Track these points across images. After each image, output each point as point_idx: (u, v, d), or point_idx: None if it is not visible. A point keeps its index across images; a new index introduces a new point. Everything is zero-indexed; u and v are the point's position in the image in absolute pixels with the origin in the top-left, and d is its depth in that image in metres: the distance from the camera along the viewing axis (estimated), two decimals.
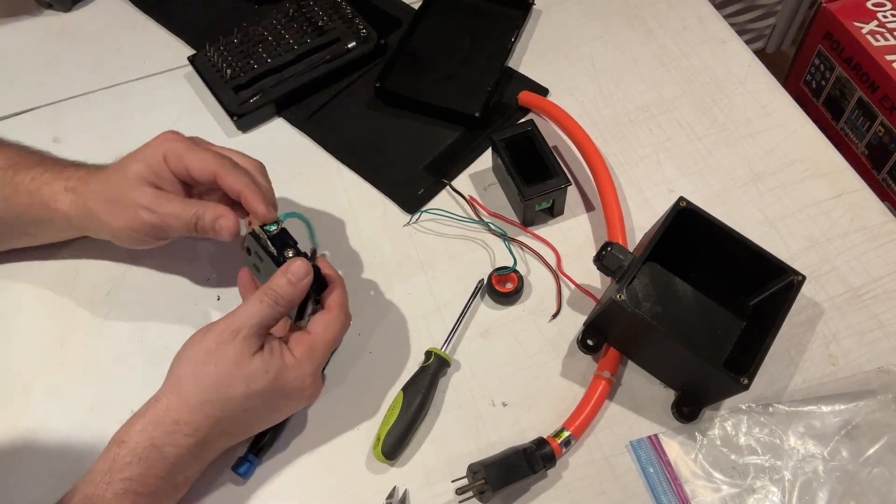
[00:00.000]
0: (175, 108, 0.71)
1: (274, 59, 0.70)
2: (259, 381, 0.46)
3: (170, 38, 0.76)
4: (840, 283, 0.59)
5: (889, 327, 0.57)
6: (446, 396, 0.55)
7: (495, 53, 0.72)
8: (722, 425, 0.53)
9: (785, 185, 0.64)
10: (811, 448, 0.51)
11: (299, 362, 0.47)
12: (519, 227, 0.63)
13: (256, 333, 0.46)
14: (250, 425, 0.49)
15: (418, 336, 0.58)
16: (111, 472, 0.43)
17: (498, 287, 0.58)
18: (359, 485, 0.51)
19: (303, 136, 0.69)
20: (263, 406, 0.47)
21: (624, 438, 0.53)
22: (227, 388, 0.45)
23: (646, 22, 0.76)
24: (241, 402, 0.45)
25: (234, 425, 0.47)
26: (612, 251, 0.52)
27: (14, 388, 0.56)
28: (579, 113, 0.69)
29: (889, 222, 0.62)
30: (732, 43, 0.74)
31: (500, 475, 0.48)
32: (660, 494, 0.50)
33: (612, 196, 0.61)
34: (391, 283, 0.60)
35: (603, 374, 0.53)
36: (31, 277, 0.61)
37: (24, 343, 0.58)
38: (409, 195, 0.65)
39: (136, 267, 0.61)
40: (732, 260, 0.53)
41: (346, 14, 0.73)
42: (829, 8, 0.97)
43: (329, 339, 0.49)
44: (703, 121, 0.69)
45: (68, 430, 0.54)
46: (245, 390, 0.45)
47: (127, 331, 0.58)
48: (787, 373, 0.55)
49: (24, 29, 0.77)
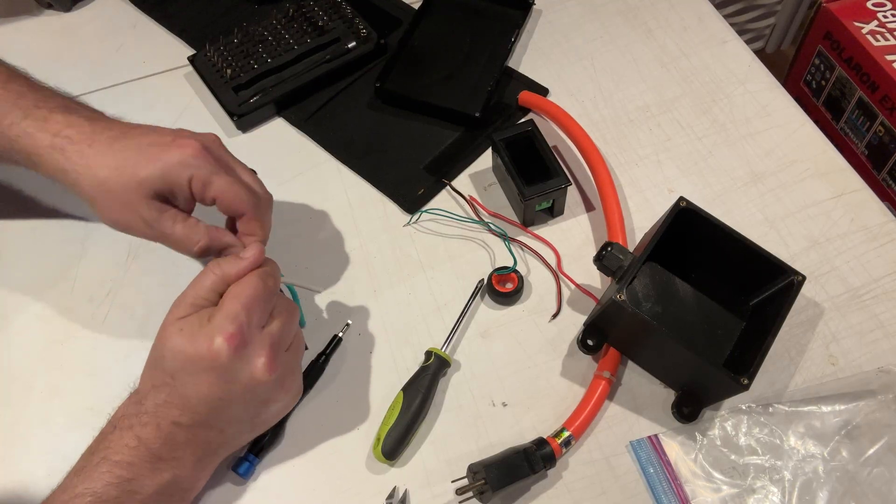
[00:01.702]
0: (175, 108, 0.71)
1: (274, 59, 0.70)
2: (172, 339, 0.44)
3: (170, 38, 0.76)
4: (840, 283, 0.59)
5: (889, 327, 0.57)
6: (446, 396, 0.55)
7: (495, 53, 0.72)
8: (722, 425, 0.53)
9: (785, 185, 0.64)
10: (811, 448, 0.51)
11: (211, 320, 0.45)
12: (519, 227, 0.63)
13: (188, 304, 0.46)
14: (188, 400, 0.45)
15: (418, 336, 0.58)
16: (95, 444, 0.46)
17: (498, 287, 0.58)
18: (359, 485, 0.51)
19: (303, 136, 0.69)
20: (182, 370, 0.44)
21: (624, 438, 0.53)
22: (155, 349, 0.46)
23: (646, 22, 0.76)
24: (160, 362, 0.45)
25: (170, 394, 0.45)
26: (612, 251, 0.52)
27: (14, 388, 0.56)
28: (579, 113, 0.69)
29: (889, 222, 0.62)
30: (732, 43, 0.74)
31: (500, 475, 0.48)
32: (660, 494, 0.50)
33: (612, 196, 0.61)
34: (391, 283, 0.60)
35: (603, 374, 0.53)
36: (31, 277, 0.61)
37: (24, 343, 0.58)
38: (409, 195, 0.65)
39: (136, 267, 0.61)
40: (732, 260, 0.53)
41: (346, 14, 0.73)
42: (829, 8, 0.97)
43: (237, 294, 0.45)
44: (703, 121, 0.69)
45: (68, 430, 0.54)
46: (163, 351, 0.45)
47: (127, 331, 0.58)
48: (787, 373, 0.55)
49: (24, 29, 0.77)
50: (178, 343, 0.44)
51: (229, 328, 0.44)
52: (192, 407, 0.45)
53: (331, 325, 0.58)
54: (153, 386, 0.46)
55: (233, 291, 0.46)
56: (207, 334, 0.44)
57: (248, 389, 0.46)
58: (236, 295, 0.46)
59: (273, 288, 0.48)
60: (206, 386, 0.45)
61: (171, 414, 0.45)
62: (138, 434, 0.45)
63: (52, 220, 0.64)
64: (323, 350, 0.56)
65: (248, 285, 0.46)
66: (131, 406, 0.46)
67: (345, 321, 0.58)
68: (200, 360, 0.44)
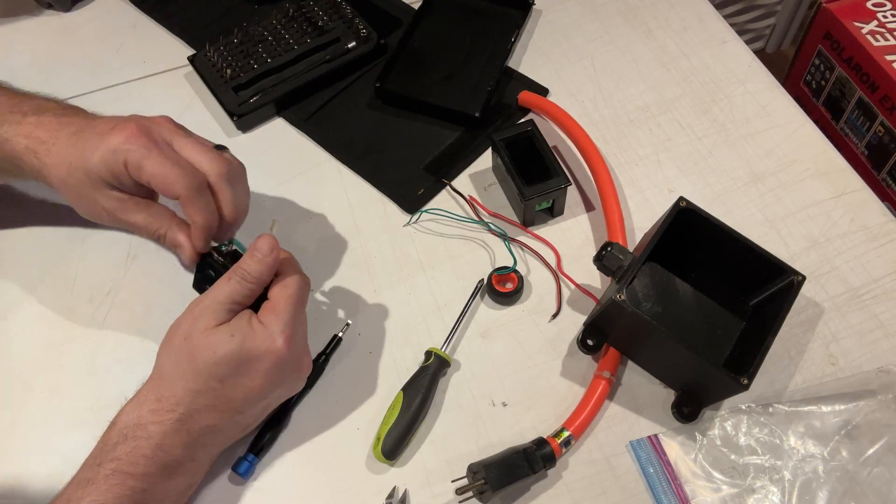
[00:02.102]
0: (175, 108, 0.71)
1: (274, 59, 0.70)
2: (224, 346, 0.45)
3: (170, 38, 0.76)
4: (840, 283, 0.59)
5: (889, 327, 0.57)
6: (446, 396, 0.55)
7: (495, 53, 0.72)
8: (722, 425, 0.53)
9: (785, 185, 0.64)
10: (811, 448, 0.51)
11: (265, 324, 0.46)
12: (519, 227, 0.63)
13: (225, 308, 0.46)
14: (233, 401, 0.46)
15: (418, 336, 0.58)
16: (101, 454, 0.44)
17: (498, 287, 0.58)
18: (359, 485, 0.51)
19: (303, 136, 0.69)
20: (236, 373, 0.45)
21: (624, 438, 0.53)
22: (197, 357, 0.45)
23: (646, 22, 0.76)
24: (211, 369, 0.45)
25: (215, 398, 0.45)
26: (612, 251, 0.52)
27: (14, 388, 0.56)
28: (579, 113, 0.69)
29: (889, 222, 0.62)
30: (732, 43, 0.74)
31: (500, 475, 0.48)
32: (660, 494, 0.50)
33: (612, 196, 0.61)
34: (391, 283, 0.60)
35: (603, 374, 0.53)
36: (31, 277, 0.61)
37: (24, 343, 0.58)
38: (409, 195, 0.65)
39: (136, 267, 0.61)
40: (732, 260, 0.53)
41: (346, 14, 0.73)
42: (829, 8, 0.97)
43: (288, 296, 0.47)
44: (703, 121, 0.69)
45: (68, 430, 0.54)
46: (212, 357, 0.45)
47: (127, 331, 0.58)
48: (787, 373, 0.55)
49: (24, 29, 0.77)
50: (232, 348, 0.45)
51: (287, 330, 0.46)
52: (235, 408, 0.46)
53: (331, 325, 0.58)
54: (191, 391, 0.45)
55: (283, 294, 0.47)
56: (267, 336, 0.45)
57: (290, 383, 0.49)
58: (287, 297, 0.47)
59: (309, 286, 0.50)
60: (259, 385, 0.46)
61: (207, 419, 0.45)
62: (160, 443, 0.44)
63: (51, 220, 0.63)
64: (323, 350, 0.56)
65: (294, 287, 0.48)
66: (148, 414, 0.45)
67: (345, 321, 0.58)
68: (261, 361, 0.45)
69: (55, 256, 0.62)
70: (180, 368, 0.45)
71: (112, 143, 0.48)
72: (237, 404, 0.46)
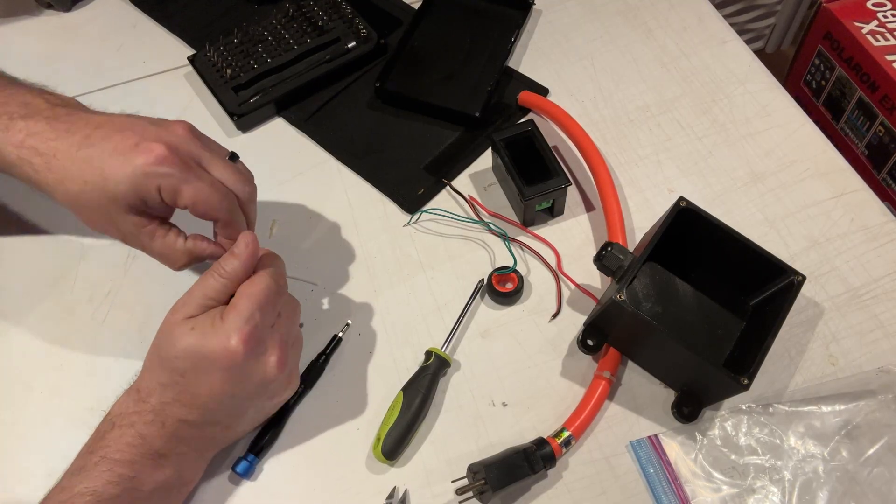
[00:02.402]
0: (175, 108, 0.71)
1: (274, 59, 0.70)
2: (184, 339, 0.44)
3: (170, 38, 0.76)
4: (840, 283, 0.59)
5: (889, 327, 0.57)
6: (446, 396, 0.55)
7: (495, 53, 0.72)
8: (722, 425, 0.53)
9: (785, 185, 0.64)
10: (811, 448, 0.51)
11: (224, 320, 0.45)
12: (519, 227, 0.63)
13: (197, 303, 0.46)
14: (198, 397, 0.45)
15: (418, 336, 0.57)
16: (93, 443, 0.45)
17: (498, 287, 0.58)
18: (359, 485, 0.51)
19: (303, 136, 0.69)
20: (195, 369, 0.45)
21: (624, 438, 0.53)
22: (163, 348, 0.45)
23: (646, 22, 0.76)
24: (172, 362, 0.45)
25: (180, 392, 0.45)
26: (612, 251, 0.52)
27: (14, 388, 0.56)
28: (579, 113, 0.69)
29: (889, 222, 0.62)
30: (732, 43, 0.74)
31: (501, 475, 0.48)
32: (660, 494, 0.50)
33: (612, 196, 0.61)
34: (391, 283, 0.60)
35: (603, 374, 0.53)
36: (31, 277, 0.61)
37: (24, 343, 0.58)
38: (409, 195, 0.65)
39: (135, 267, 0.61)
40: (732, 260, 0.53)
41: (346, 14, 0.73)
42: (829, 8, 0.97)
43: (251, 294, 0.45)
44: (703, 121, 0.69)
45: (68, 430, 0.54)
46: (172, 350, 0.45)
47: (127, 331, 0.58)
48: (787, 373, 0.55)
49: (24, 29, 0.77)
50: (190, 342, 0.44)
51: (245, 328, 0.44)
52: (202, 405, 0.46)
53: (331, 324, 0.58)
54: (160, 384, 0.46)
55: (245, 291, 0.46)
56: (223, 333, 0.44)
57: (260, 386, 0.47)
58: (250, 294, 0.46)
59: (283, 287, 0.49)
60: (220, 384, 0.45)
61: (178, 412, 0.46)
62: (141, 432, 0.45)
63: (51, 220, 0.63)
64: (323, 350, 0.56)
65: (260, 285, 0.46)
66: (131, 403, 0.46)
67: (345, 321, 0.58)
68: (216, 359, 0.44)
69: (55, 256, 0.62)
70: (151, 360, 0.47)
71: (141, 167, 0.45)
72: (203, 401, 0.46)
